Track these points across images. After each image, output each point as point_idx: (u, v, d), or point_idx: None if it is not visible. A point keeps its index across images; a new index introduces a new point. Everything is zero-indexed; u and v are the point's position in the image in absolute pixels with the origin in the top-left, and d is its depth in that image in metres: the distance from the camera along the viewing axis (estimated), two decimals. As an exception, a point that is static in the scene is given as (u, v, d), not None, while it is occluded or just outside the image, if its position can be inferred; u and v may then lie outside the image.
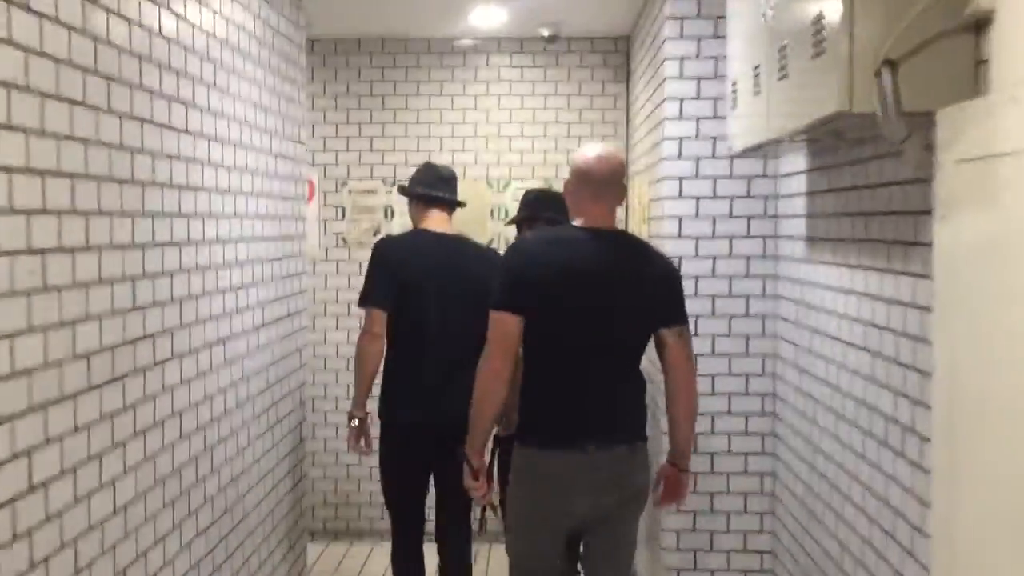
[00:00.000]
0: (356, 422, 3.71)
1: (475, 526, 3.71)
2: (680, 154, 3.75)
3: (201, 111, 2.79)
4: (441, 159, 5.34)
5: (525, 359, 2.86)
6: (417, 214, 3.81)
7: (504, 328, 2.78)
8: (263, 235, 3.44)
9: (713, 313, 3.74)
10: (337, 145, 5.40)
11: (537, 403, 2.84)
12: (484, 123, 5.39)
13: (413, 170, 3.98)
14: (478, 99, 5.39)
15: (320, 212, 5.41)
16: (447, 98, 5.38)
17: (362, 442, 3.75)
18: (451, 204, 3.83)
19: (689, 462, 3.09)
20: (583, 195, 2.88)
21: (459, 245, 3.78)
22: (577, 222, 2.92)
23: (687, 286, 3.71)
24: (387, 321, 3.60)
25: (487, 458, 3.00)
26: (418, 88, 5.38)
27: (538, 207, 4.03)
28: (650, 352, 3.00)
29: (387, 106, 5.38)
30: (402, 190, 3.88)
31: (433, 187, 3.78)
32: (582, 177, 2.88)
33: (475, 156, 5.39)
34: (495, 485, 3.09)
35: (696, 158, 3.75)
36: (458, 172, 5.31)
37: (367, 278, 3.66)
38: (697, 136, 3.75)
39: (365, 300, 3.63)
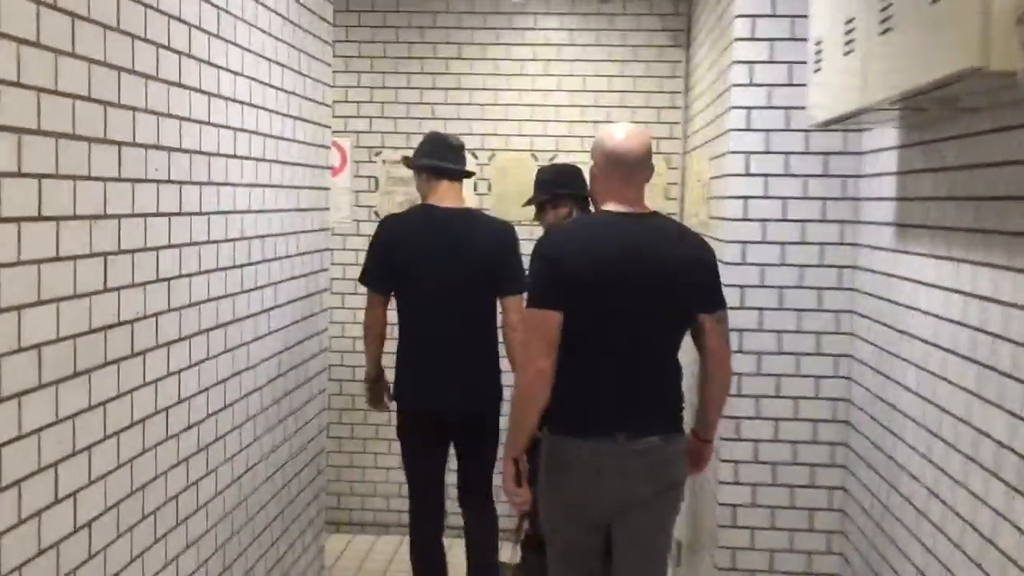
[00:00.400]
0: (368, 385, 3.88)
1: (508, 534, 3.83)
2: (749, 125, 3.31)
3: (199, 62, 2.42)
4: (483, 128, 4.97)
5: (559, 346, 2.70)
6: (426, 187, 3.66)
7: (546, 326, 2.65)
8: (277, 206, 3.08)
9: (781, 306, 3.31)
10: (371, 111, 5.03)
11: (569, 391, 2.69)
12: (530, 90, 4.98)
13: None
14: (524, 64, 4.98)
15: (351, 183, 5.06)
16: (490, 62, 4.97)
17: (385, 399, 3.89)
18: (461, 175, 3.68)
19: (714, 434, 3.00)
20: (615, 178, 2.77)
21: (469, 220, 3.63)
22: (609, 206, 2.78)
23: (751, 274, 3.31)
24: (396, 300, 3.65)
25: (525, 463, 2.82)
26: (460, 51, 4.98)
27: (560, 185, 3.83)
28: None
29: (426, 70, 5.00)
30: (408, 162, 3.75)
31: (442, 158, 3.62)
32: (614, 160, 2.76)
33: (519, 126, 4.99)
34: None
35: (766, 131, 3.30)
36: (500, 143, 4.99)
37: (367, 256, 3.67)
38: (769, 105, 3.30)
39: (363, 279, 3.70)
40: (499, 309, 3.69)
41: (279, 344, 3.16)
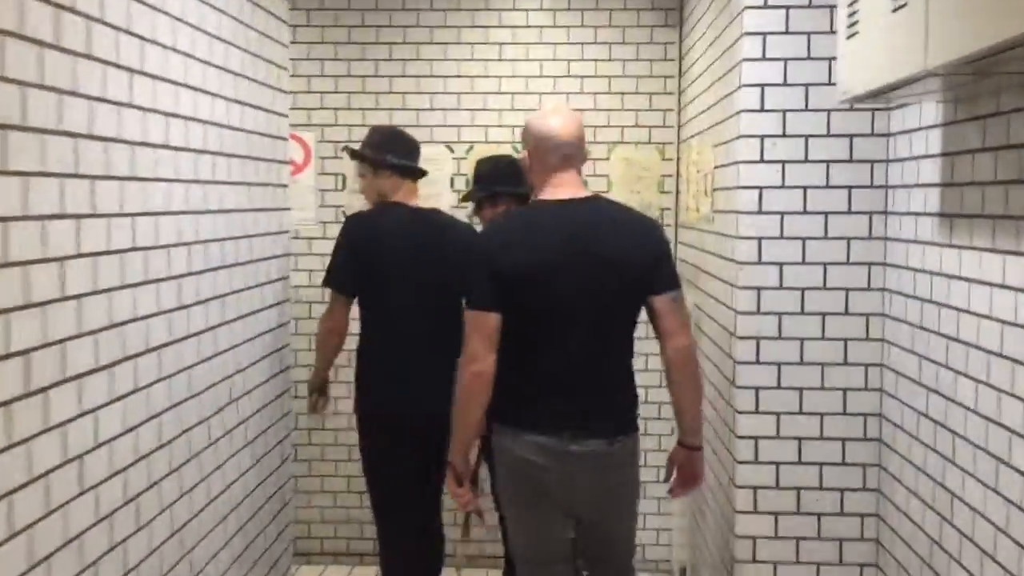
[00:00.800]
0: (315, 394, 3.63)
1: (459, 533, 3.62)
2: (762, 106, 2.92)
3: (115, 30, 1.99)
4: (459, 119, 4.56)
5: (502, 342, 2.62)
6: (387, 185, 3.47)
7: (485, 327, 2.58)
8: (223, 206, 2.65)
9: (802, 310, 2.92)
10: (336, 102, 4.59)
11: (516, 386, 2.62)
12: (510, 77, 4.56)
13: (415, 132, 3.70)
14: (503, 48, 4.57)
15: (316, 180, 4.62)
16: (466, 47, 4.56)
17: (321, 404, 3.70)
18: (422, 175, 3.57)
19: (700, 439, 2.82)
20: (551, 164, 2.67)
21: (439, 221, 3.53)
22: (547, 194, 2.68)
23: (768, 275, 2.92)
24: (361, 304, 3.41)
25: (472, 462, 2.86)
26: (432, 35, 4.56)
27: (499, 182, 3.66)
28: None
29: (395, 56, 4.57)
30: (367, 158, 3.47)
31: (409, 156, 3.51)
32: (548, 144, 2.66)
33: (498, 116, 4.57)
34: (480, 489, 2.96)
35: (783, 111, 2.91)
36: (478, 135, 4.58)
37: (334, 256, 3.41)
38: (784, 82, 2.91)
39: (330, 282, 3.41)
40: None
41: (230, 366, 2.74)
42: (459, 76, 4.56)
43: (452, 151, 4.55)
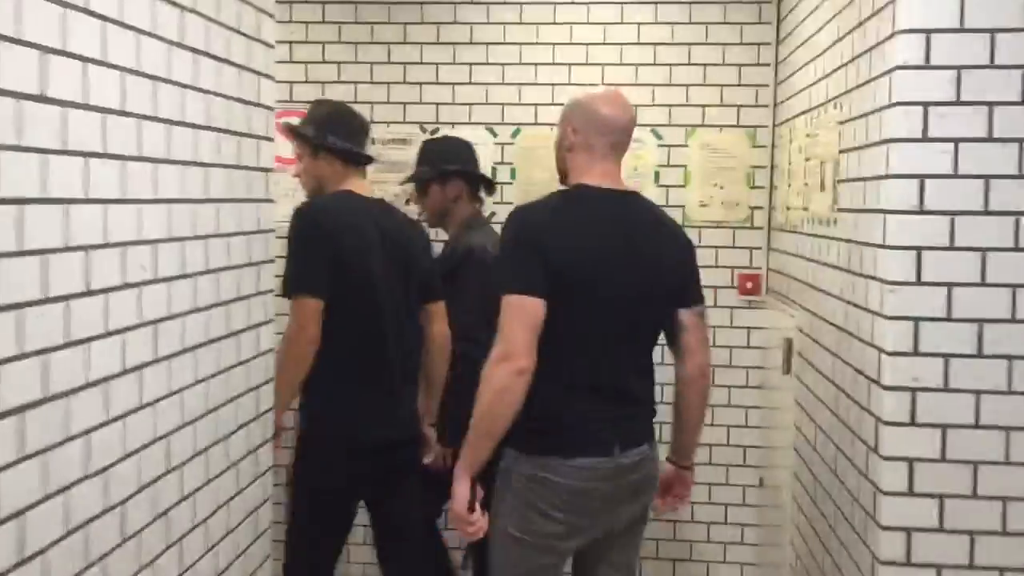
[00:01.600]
0: (283, 434, 2.84)
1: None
2: (928, 60, 2.07)
3: None
4: (503, 95, 3.82)
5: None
6: (329, 172, 2.98)
7: (532, 315, 2.25)
8: (179, 194, 1.88)
9: (979, 352, 2.07)
10: (356, 74, 3.83)
11: (551, 398, 2.31)
12: (566, 44, 3.77)
13: (451, 111, 3.45)
14: (557, 9, 3.77)
15: (330, 169, 3.86)
16: (512, 7, 3.78)
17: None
18: (367, 162, 3.07)
19: (694, 460, 2.66)
20: (597, 149, 2.45)
21: (396, 214, 3.08)
22: (588, 181, 2.43)
23: (932, 301, 2.11)
24: (327, 311, 2.82)
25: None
26: (471, -7, 3.78)
27: (449, 160, 3.34)
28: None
29: (427, 19, 3.80)
30: (306, 138, 2.95)
31: (354, 139, 2.99)
32: (597, 127, 2.45)
33: (551, 92, 3.78)
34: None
35: (957, 67, 2.07)
36: (526, 115, 3.79)
37: (296, 257, 2.82)
38: (961, 26, 2.06)
39: (297, 286, 2.80)
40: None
41: (172, 416, 1.95)
42: (503, 43, 3.78)
43: (495, 134, 3.77)
